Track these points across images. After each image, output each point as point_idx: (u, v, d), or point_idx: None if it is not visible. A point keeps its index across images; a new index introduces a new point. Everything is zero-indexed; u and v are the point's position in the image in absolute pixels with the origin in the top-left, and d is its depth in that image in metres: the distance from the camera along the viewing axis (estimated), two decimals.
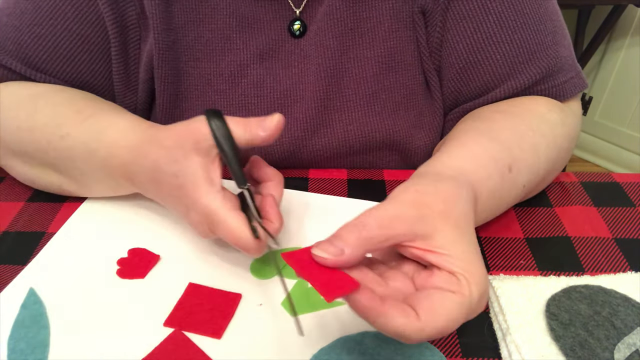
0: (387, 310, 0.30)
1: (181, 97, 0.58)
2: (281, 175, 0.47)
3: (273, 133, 0.42)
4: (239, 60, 0.57)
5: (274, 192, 0.45)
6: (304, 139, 0.59)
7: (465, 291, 0.32)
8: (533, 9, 0.53)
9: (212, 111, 0.43)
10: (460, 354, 0.39)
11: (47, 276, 0.46)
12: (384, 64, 0.57)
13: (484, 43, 0.54)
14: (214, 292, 0.44)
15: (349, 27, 0.56)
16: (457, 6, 0.54)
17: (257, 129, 0.42)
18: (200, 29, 0.56)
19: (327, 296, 0.30)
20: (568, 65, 0.56)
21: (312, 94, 0.58)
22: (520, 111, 0.52)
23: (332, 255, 0.32)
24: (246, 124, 0.42)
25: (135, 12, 0.55)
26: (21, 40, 0.54)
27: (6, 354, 0.39)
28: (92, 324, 0.42)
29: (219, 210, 0.41)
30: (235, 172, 0.42)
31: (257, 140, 0.42)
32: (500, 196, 0.46)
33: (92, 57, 0.56)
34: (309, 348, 0.39)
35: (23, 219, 0.53)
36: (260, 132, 0.42)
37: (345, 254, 0.32)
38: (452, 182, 0.39)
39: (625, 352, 0.37)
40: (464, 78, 0.56)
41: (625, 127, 1.89)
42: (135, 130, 0.47)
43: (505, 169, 0.45)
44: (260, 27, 0.57)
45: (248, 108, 0.58)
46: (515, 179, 0.46)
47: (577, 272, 0.46)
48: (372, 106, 0.58)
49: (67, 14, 0.53)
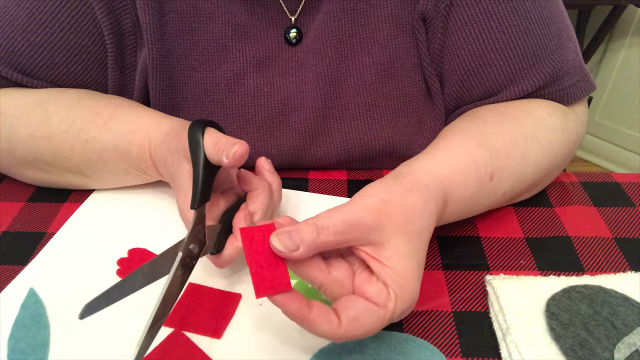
0: (313, 319, 0.34)
1: (177, 107, 0.58)
2: (274, 181, 0.48)
3: (233, 162, 0.40)
4: (236, 69, 0.56)
5: (254, 207, 0.45)
6: (302, 148, 0.59)
7: (390, 306, 0.35)
8: (537, 13, 0.52)
9: (199, 121, 0.43)
10: (460, 354, 0.39)
11: (47, 276, 0.46)
12: (383, 71, 0.57)
13: (486, 49, 0.53)
14: (214, 292, 0.44)
15: (347, 34, 0.55)
16: (459, 11, 0.53)
17: (222, 153, 0.41)
18: (195, 37, 0.56)
19: (257, 293, 0.33)
20: (574, 68, 0.55)
21: (310, 103, 0.57)
22: (517, 114, 0.52)
23: (287, 250, 0.33)
24: (217, 143, 0.41)
25: (131, 19, 0.54)
26: (14, 48, 0.53)
27: (6, 354, 0.39)
28: (92, 324, 0.42)
29: (190, 221, 0.41)
30: (194, 189, 0.41)
31: (223, 164, 0.41)
32: (475, 203, 0.47)
33: (88, 65, 0.56)
34: (309, 348, 0.39)
35: (23, 219, 0.53)
36: (224, 158, 0.41)
37: (299, 252, 0.34)
38: (422, 194, 0.40)
39: (625, 352, 0.37)
40: (467, 84, 0.56)
41: (625, 127, 1.89)
42: (158, 130, 0.49)
43: (485, 177, 0.46)
44: (256, 35, 0.56)
45: (246, 117, 0.58)
46: (495, 188, 0.47)
47: (577, 272, 0.46)
48: (371, 114, 0.58)
49: (63, 23, 0.53)
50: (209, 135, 0.42)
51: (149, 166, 0.50)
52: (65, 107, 0.52)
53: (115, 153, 0.50)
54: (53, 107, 0.52)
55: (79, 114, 0.51)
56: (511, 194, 0.50)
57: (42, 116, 0.51)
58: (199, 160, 0.41)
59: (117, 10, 0.54)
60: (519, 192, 0.51)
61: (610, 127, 1.93)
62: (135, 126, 0.50)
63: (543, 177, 0.52)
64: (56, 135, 0.51)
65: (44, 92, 0.54)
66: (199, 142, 0.41)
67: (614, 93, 1.87)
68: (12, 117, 0.52)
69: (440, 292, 0.45)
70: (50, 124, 0.51)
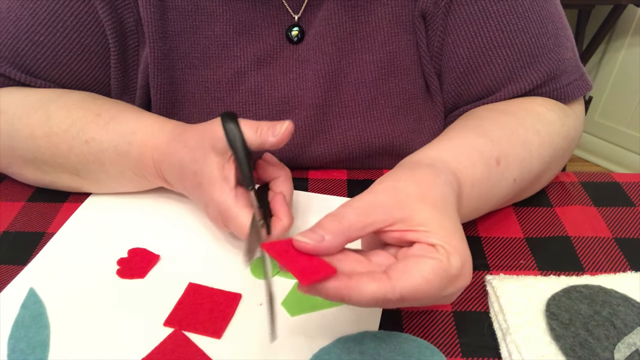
0: (357, 282, 0.31)
1: (178, 105, 0.58)
2: (287, 170, 0.50)
3: (282, 138, 0.44)
4: (237, 67, 0.57)
5: (282, 189, 0.47)
6: (302, 145, 0.59)
7: (443, 258, 0.32)
8: (535, 12, 0.53)
9: (227, 114, 0.45)
10: (460, 354, 0.39)
11: (47, 276, 0.46)
12: (383, 69, 0.57)
13: (485, 47, 0.53)
14: (214, 292, 0.44)
15: (348, 32, 0.56)
16: (458, 9, 0.53)
17: (268, 134, 0.44)
18: (197, 36, 0.56)
19: (302, 280, 0.30)
20: (571, 67, 0.55)
21: (310, 100, 0.57)
22: (514, 109, 0.52)
23: (314, 241, 0.32)
24: (258, 127, 0.45)
25: (134, 18, 0.54)
26: (17, 48, 0.54)
27: (6, 354, 0.39)
28: (92, 324, 0.42)
29: (231, 207, 0.44)
30: (244, 173, 0.44)
31: (267, 144, 0.44)
32: (488, 188, 0.45)
33: (92, 64, 0.56)
34: (309, 348, 0.39)
35: (23, 219, 0.53)
36: (270, 137, 0.44)
37: (325, 241, 0.33)
38: (428, 168, 0.40)
39: (625, 352, 0.37)
40: (465, 82, 0.56)
41: (625, 127, 1.89)
42: (163, 131, 0.49)
43: (492, 161, 0.45)
44: (257, 33, 0.56)
45: (246, 115, 0.58)
46: (504, 173, 0.46)
47: (577, 272, 0.46)
48: (371, 112, 0.58)
49: (67, 22, 0.53)
50: (247, 122, 0.45)
51: (148, 168, 0.50)
52: (66, 107, 0.52)
53: (113, 154, 0.50)
54: (54, 108, 0.52)
55: (80, 114, 0.51)
56: (522, 182, 0.49)
57: (43, 116, 0.51)
58: (240, 148, 0.44)
59: (120, 9, 0.54)
60: (529, 182, 0.51)
61: (610, 127, 1.93)
62: (137, 127, 0.50)
63: (546, 170, 0.52)
64: (55, 135, 0.51)
65: (47, 93, 0.54)
66: (237, 131, 0.44)
67: (614, 93, 1.87)
68: (13, 116, 0.52)
69: None
70: (50, 123, 0.51)
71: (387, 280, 0.31)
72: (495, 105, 0.54)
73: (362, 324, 0.41)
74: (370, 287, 0.31)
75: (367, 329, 0.41)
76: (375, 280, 0.31)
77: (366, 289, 0.31)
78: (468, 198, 0.43)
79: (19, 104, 0.53)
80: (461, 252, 0.33)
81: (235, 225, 0.44)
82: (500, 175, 0.46)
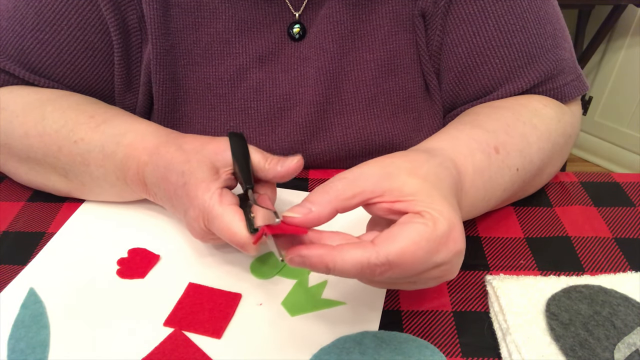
0: (340, 250, 0.32)
1: (179, 101, 0.58)
2: None
3: (289, 172, 0.45)
4: (238, 64, 0.57)
5: (266, 191, 0.47)
6: (303, 142, 0.59)
7: (429, 222, 0.33)
8: (533, 12, 0.53)
9: (235, 132, 0.46)
10: (460, 354, 0.39)
11: (47, 276, 0.46)
12: (383, 67, 0.57)
13: (483, 47, 0.54)
14: (214, 292, 0.44)
15: (349, 30, 0.56)
16: (457, 9, 0.54)
17: (276, 163, 0.45)
18: (199, 33, 0.56)
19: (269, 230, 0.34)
20: (569, 67, 0.56)
21: (311, 98, 0.58)
22: (511, 105, 0.52)
23: (301, 214, 0.34)
24: (267, 157, 0.45)
25: (137, 15, 0.55)
26: (23, 46, 0.54)
27: (6, 354, 0.39)
28: (92, 323, 0.42)
29: (215, 205, 0.42)
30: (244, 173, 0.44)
31: (272, 172, 0.45)
32: (491, 175, 0.45)
33: (96, 62, 0.56)
34: (309, 348, 0.39)
35: (23, 219, 0.53)
36: (278, 167, 0.44)
37: (312, 212, 0.34)
38: (423, 152, 0.40)
39: (625, 352, 0.37)
40: (463, 81, 0.56)
41: (625, 127, 1.89)
42: (155, 134, 0.49)
43: (490, 149, 0.46)
44: (259, 30, 0.57)
45: (247, 112, 0.58)
46: (505, 161, 0.46)
47: (577, 272, 0.46)
48: (371, 109, 0.58)
49: (71, 20, 0.53)
50: (256, 149, 0.46)
51: (130, 171, 0.48)
52: (62, 109, 0.52)
53: (100, 154, 0.49)
54: (51, 109, 0.52)
55: (73, 116, 0.51)
56: (525, 173, 0.49)
57: (39, 116, 0.51)
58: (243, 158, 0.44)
59: (123, 7, 0.54)
60: (531, 174, 0.50)
61: (610, 127, 1.93)
62: (129, 129, 0.49)
63: (547, 164, 0.52)
64: (47, 135, 0.50)
65: (47, 93, 0.54)
66: (245, 148, 0.45)
67: (614, 93, 1.87)
68: (12, 113, 0.52)
69: (441, 292, 0.45)
70: (44, 123, 0.51)
71: (372, 246, 0.32)
72: (492, 102, 0.55)
73: (362, 324, 0.41)
74: (354, 252, 0.32)
75: (367, 329, 0.41)
76: (359, 247, 0.32)
77: (349, 255, 0.32)
78: (472, 186, 0.43)
79: (19, 103, 0.53)
80: (447, 215, 0.34)
81: (219, 224, 0.41)
82: (500, 163, 0.46)
